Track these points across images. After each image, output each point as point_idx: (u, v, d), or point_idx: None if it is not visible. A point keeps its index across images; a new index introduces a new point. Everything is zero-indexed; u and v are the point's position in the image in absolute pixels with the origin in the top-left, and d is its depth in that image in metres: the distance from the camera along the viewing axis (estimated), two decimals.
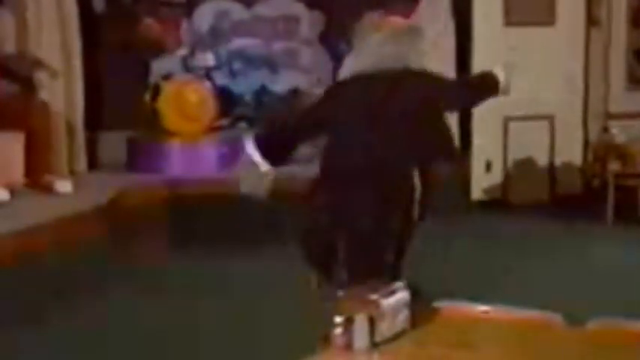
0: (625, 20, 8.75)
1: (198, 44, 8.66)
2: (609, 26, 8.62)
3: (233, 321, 4.74)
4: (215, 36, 8.76)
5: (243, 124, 8.56)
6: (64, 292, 5.07)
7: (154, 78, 8.43)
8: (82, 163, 7.89)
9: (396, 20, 4.14)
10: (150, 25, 8.54)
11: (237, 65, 8.76)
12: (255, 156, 3.92)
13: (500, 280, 5.04)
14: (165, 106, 7.98)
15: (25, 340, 4.40)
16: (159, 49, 8.57)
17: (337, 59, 8.91)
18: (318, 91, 8.78)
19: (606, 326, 2.23)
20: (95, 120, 8.14)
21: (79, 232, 6.07)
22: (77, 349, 4.32)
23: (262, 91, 8.85)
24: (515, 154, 7.90)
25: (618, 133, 7.79)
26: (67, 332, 4.55)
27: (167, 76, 8.35)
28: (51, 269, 5.37)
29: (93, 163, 8.10)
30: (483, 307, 2.38)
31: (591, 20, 8.40)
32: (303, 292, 4.83)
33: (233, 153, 8.12)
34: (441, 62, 8.26)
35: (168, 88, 8.08)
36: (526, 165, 8.09)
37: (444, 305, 2.40)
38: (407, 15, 4.48)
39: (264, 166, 3.89)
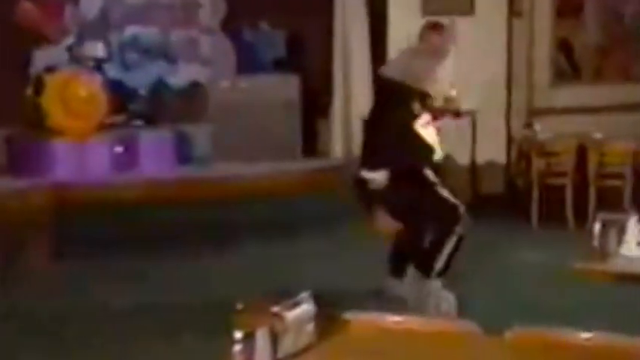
0: (549, 10, 9.01)
1: (87, 32, 8.48)
2: (532, 16, 8.86)
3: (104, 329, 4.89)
4: (105, 23, 8.61)
5: (138, 122, 8.46)
6: None
7: (36, 70, 8.23)
8: None
9: (435, 39, 5.20)
10: (29, 9, 8.32)
11: (130, 56, 8.63)
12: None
13: None
14: (50, 101, 7.81)
15: None
16: (40, 37, 8.37)
17: (241, 49, 8.90)
18: (224, 84, 8.78)
19: (525, 335, 2.28)
20: None
21: None
22: None
23: (159, 85, 8.75)
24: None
25: (543, 129, 8.00)
26: None
27: (51, 68, 8.17)
28: None
29: None
30: (395, 318, 2.40)
31: (513, 10, 8.62)
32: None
33: (128, 154, 8.03)
34: (354, 52, 8.36)
35: (52, 82, 7.91)
36: (446, 163, 8.22)
37: (354, 316, 2.40)
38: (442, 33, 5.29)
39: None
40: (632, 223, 3.59)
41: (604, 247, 3.58)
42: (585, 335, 2.25)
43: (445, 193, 5.18)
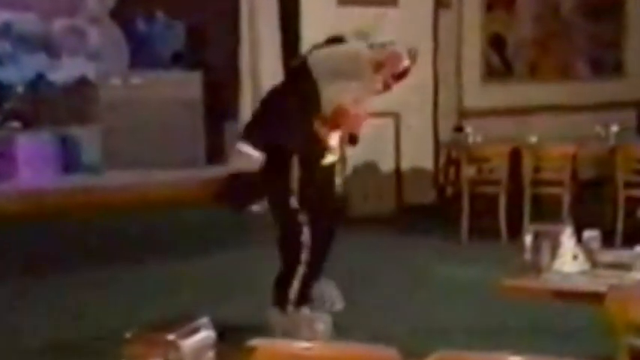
0: (480, 1, 9.21)
1: None
2: (461, 8, 9.05)
3: None
4: None
5: (15, 124, 8.34)
6: None
7: None
8: None
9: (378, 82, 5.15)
10: None
11: (4, 47, 8.50)
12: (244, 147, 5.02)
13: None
14: None
15: None
16: None
17: (134, 41, 8.84)
18: (114, 81, 8.70)
19: (448, 359, 2.33)
20: None
21: None
22: None
23: (39, 81, 8.64)
24: (355, 157, 8.09)
25: (473, 132, 8.13)
26: None
27: None
28: None
29: None
30: (304, 344, 2.42)
31: (440, 1, 8.78)
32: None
33: (3, 161, 7.88)
34: (263, 44, 8.39)
35: None
36: (367, 171, 8.33)
37: (258, 343, 2.41)
38: None
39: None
40: (566, 234, 3.63)
41: (536, 261, 3.62)
42: (514, 358, 2.30)
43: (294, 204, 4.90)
